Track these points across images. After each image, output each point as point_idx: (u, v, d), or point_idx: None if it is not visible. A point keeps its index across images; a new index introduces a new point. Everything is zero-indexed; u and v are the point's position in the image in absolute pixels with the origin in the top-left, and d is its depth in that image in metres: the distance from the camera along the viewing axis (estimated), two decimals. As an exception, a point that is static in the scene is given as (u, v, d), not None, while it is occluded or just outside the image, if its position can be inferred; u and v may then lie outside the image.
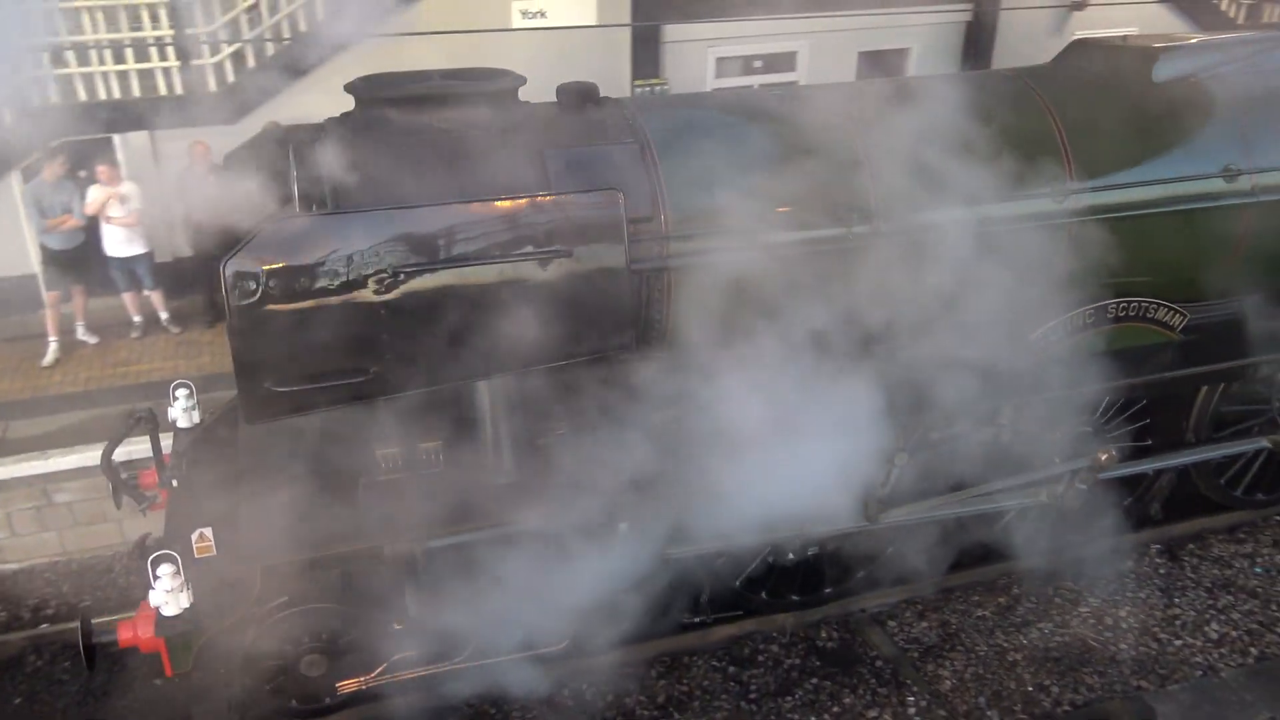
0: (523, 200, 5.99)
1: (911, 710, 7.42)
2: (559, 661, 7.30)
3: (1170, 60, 7.69)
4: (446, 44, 10.66)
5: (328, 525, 6.38)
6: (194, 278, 11.61)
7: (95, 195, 10.70)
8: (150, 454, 7.68)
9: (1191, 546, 9.16)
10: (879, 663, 7.88)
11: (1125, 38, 8.50)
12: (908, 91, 7.31)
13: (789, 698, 7.55)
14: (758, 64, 13.27)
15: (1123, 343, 7.79)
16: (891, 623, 8.28)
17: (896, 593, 8.43)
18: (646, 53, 12.53)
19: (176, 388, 7.72)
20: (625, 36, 12.40)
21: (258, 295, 5.60)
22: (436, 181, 6.12)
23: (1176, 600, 8.51)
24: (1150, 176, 7.41)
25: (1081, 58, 8.14)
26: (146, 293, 11.36)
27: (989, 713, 7.41)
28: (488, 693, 7.32)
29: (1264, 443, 8.77)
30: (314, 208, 6.31)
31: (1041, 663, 7.86)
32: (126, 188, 10.89)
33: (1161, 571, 8.84)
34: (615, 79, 12.65)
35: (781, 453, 6.57)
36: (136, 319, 11.42)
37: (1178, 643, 8.06)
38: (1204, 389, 8.49)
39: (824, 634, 8.15)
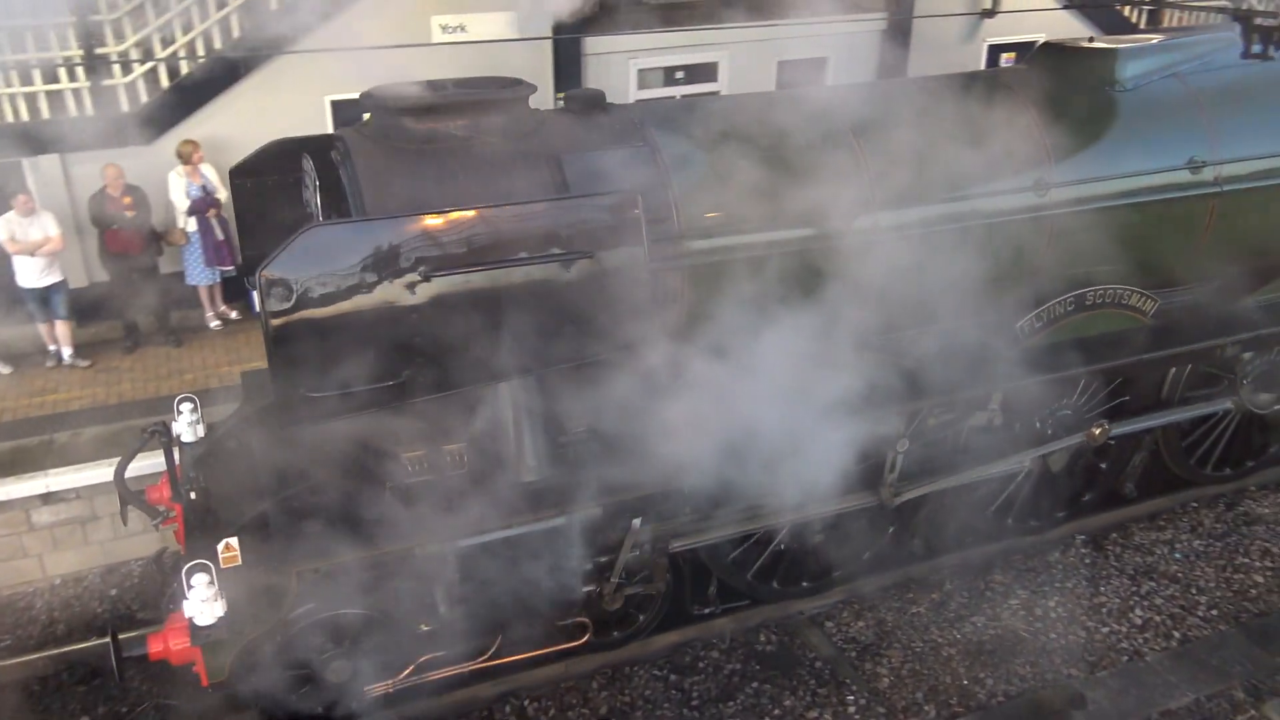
0: (547, 203, 6.24)
1: (851, 709, 7.51)
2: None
3: (1136, 61, 8.15)
4: (364, 60, 10.58)
5: (358, 529, 6.41)
6: (110, 302, 11.33)
7: (4, 228, 10.33)
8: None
9: (1114, 535, 9.42)
10: (818, 663, 7.96)
11: (1091, 39, 9.00)
12: (900, 93, 7.75)
13: (731, 703, 7.58)
14: (679, 74, 13.37)
15: (1099, 328, 8.25)
16: (829, 623, 8.37)
17: (834, 594, 8.54)
18: (569, 65, 12.54)
19: (181, 402, 7.64)
20: (547, 49, 12.41)
21: (293, 302, 5.70)
22: (459, 187, 6.30)
23: (1102, 588, 8.75)
24: (1123, 170, 7.89)
25: (1053, 60, 8.53)
26: (58, 323, 11.00)
27: (926, 707, 7.53)
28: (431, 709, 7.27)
29: (1227, 404, 9.14)
30: (333, 215, 6.40)
31: (975, 655, 8.01)
32: (44, 217, 10.56)
33: (1087, 561, 9.08)
34: (538, 92, 12.63)
35: (793, 438, 6.90)
36: (52, 348, 11.09)
37: (1104, 630, 8.28)
38: (1173, 369, 8.91)
39: (763, 638, 8.21)
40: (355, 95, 11.99)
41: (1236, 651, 7.95)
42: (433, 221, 5.92)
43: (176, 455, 7.21)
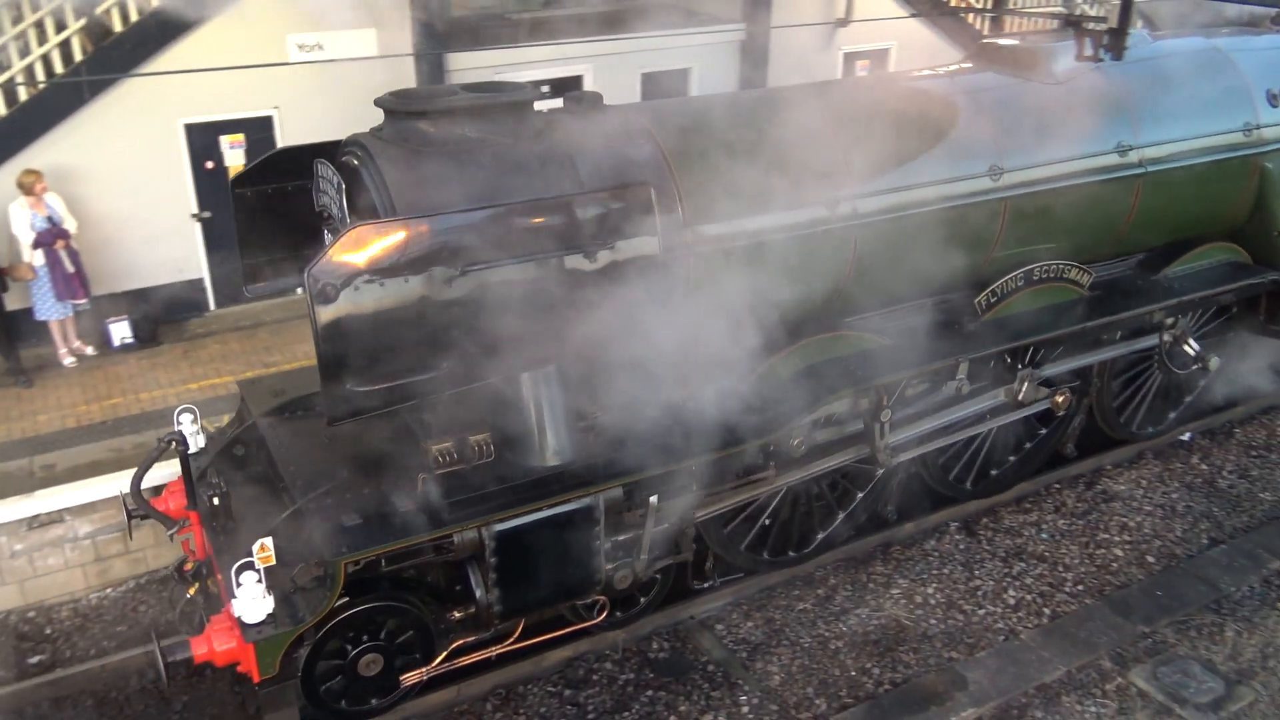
0: (569, 197, 6.63)
1: (745, 709, 7.61)
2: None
3: (1065, 57, 9.04)
4: (219, 82, 10.29)
5: (395, 519, 6.66)
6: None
7: None
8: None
9: (985, 521, 9.80)
10: (710, 666, 8.03)
11: (1023, 37, 9.67)
12: (873, 90, 8.53)
13: (626, 713, 7.58)
14: (545, 88, 13.38)
15: (1045, 301, 9.05)
16: (719, 626, 8.47)
17: (723, 595, 8.65)
18: (432, 82, 12.42)
19: (181, 413, 7.71)
20: (409, 66, 12.26)
21: (339, 299, 5.93)
22: (481, 185, 6.63)
23: (976, 572, 9.09)
24: (1062, 155, 8.68)
25: (993, 58, 9.35)
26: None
27: (817, 701, 7.68)
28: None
29: (1154, 339, 9.93)
30: (360, 217, 6.53)
31: (862, 647, 8.21)
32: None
33: (961, 547, 9.42)
34: (402, 110, 12.48)
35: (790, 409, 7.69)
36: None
37: (981, 612, 8.60)
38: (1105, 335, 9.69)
39: (655, 645, 8.25)
40: (211, 118, 11.74)
41: (1102, 623, 8.36)
42: (466, 218, 6.26)
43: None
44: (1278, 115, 9.86)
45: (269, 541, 6.36)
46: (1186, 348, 9.99)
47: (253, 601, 6.26)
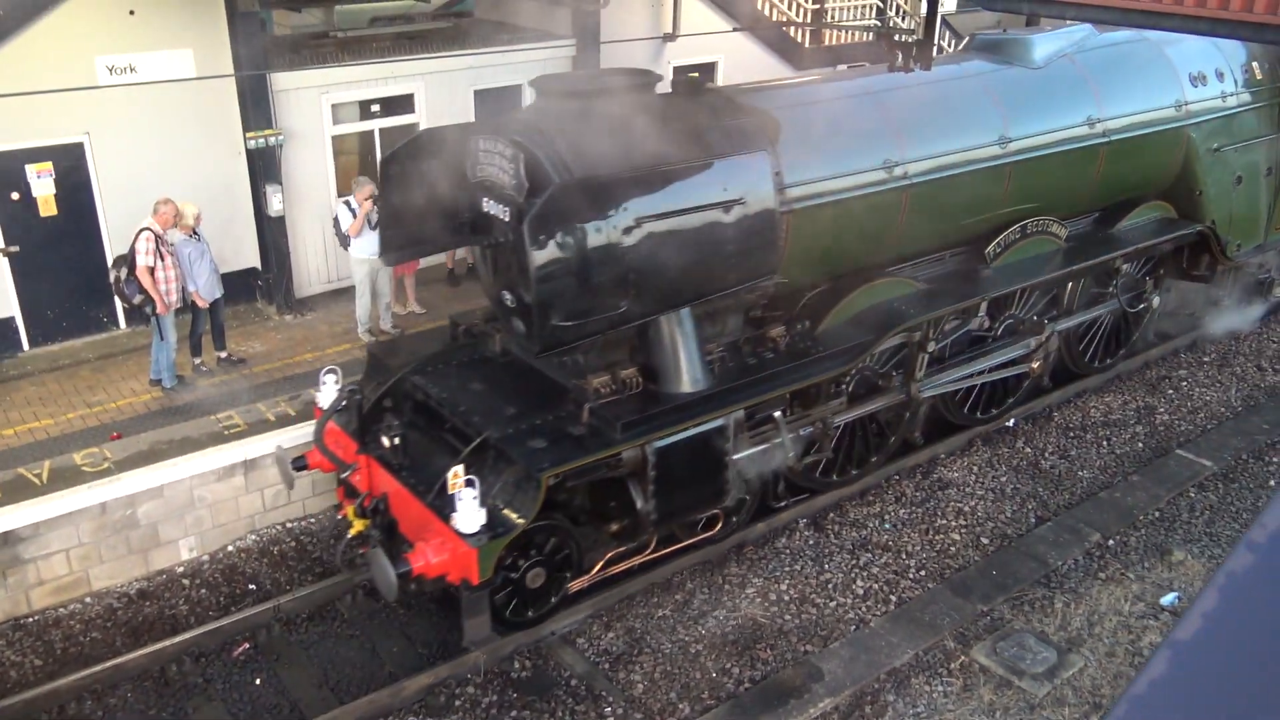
0: (712, 162, 8.12)
1: (610, 719, 7.63)
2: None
3: (1042, 46, 11.07)
4: (20, 108, 9.70)
5: (578, 440, 7.90)
6: None
7: None
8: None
9: (832, 515, 10.14)
10: (574, 681, 8.03)
11: (1004, 30, 11.35)
12: (910, 78, 9.98)
13: (491, 736, 7.51)
14: (375, 107, 13.13)
15: (1034, 251, 11.13)
16: (580, 640, 8.48)
17: (583, 609, 8.66)
18: (257, 103, 12.01)
19: (326, 373, 8.86)
20: (231, 87, 11.83)
21: (549, 246, 7.12)
22: (634, 152, 7.79)
23: (826, 566, 9.39)
24: (1048, 127, 10.68)
25: (985, 49, 11.32)
26: None
27: (680, 705, 7.78)
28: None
29: (1109, 308, 12.19)
30: (536, 183, 7.47)
31: (721, 648, 8.36)
32: None
33: (811, 543, 9.71)
34: (225, 131, 12.03)
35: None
36: None
37: (832, 604, 8.88)
38: (1070, 282, 11.72)
39: (517, 665, 8.20)
40: (14, 146, 11.04)
41: (944, 605, 8.78)
42: (641, 178, 7.64)
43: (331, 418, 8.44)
44: (1199, 94, 12.05)
45: (460, 469, 7.36)
46: (1127, 297, 12.20)
47: (471, 515, 7.28)
